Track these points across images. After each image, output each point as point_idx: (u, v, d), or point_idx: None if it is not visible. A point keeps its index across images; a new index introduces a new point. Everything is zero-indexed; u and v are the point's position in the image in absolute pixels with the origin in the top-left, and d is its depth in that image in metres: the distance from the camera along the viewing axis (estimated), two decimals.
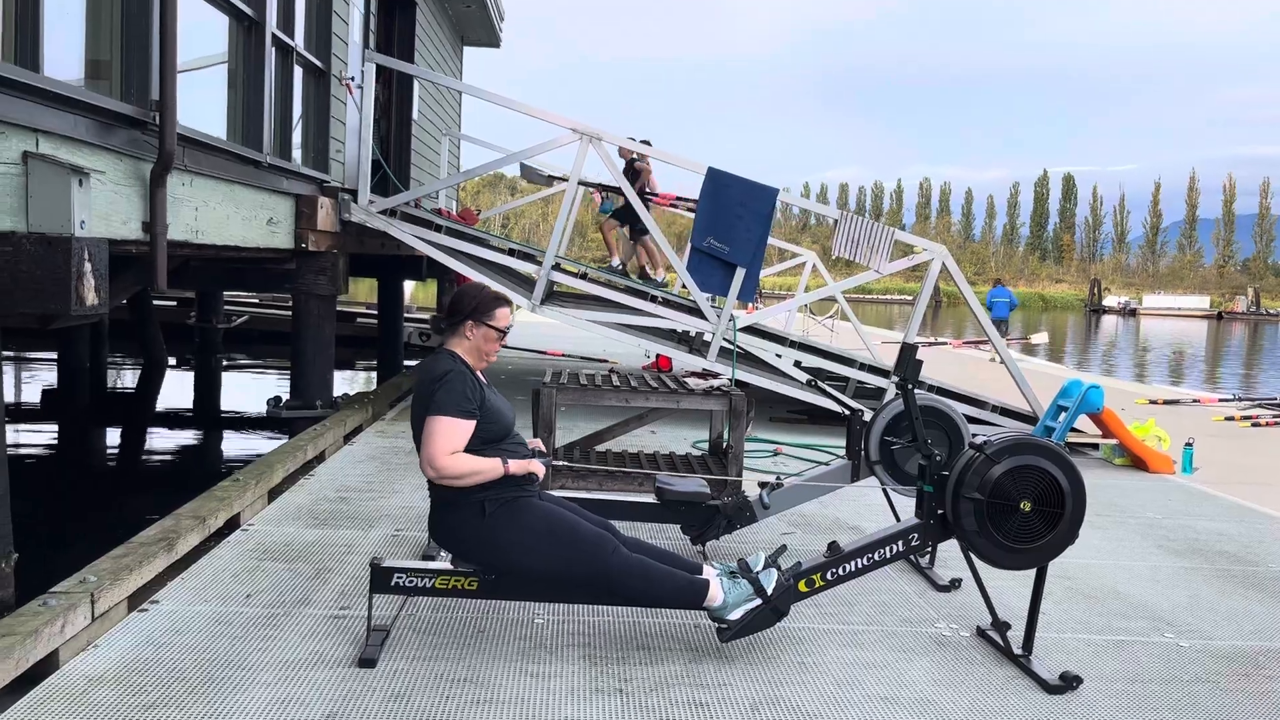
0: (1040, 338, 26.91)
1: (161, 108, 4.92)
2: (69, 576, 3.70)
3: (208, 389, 14.52)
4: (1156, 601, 4.58)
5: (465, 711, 3.12)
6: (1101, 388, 7.97)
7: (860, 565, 3.66)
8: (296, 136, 7.88)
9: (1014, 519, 3.53)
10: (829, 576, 3.65)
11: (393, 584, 3.53)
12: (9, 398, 13.91)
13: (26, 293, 3.96)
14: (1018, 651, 3.71)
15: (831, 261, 12.36)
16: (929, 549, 4.83)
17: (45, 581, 3.70)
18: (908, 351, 3.84)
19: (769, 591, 3.54)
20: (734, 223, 8.30)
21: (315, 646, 3.56)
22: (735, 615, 3.54)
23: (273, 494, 5.59)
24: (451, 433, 3.39)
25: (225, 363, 16.42)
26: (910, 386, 3.81)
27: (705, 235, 8.35)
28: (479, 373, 3.61)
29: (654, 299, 8.45)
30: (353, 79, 8.64)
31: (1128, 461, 8.07)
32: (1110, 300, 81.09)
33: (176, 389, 14.31)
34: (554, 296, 9.05)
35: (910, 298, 65.78)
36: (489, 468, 3.45)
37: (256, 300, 22.03)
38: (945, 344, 22.77)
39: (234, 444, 10.71)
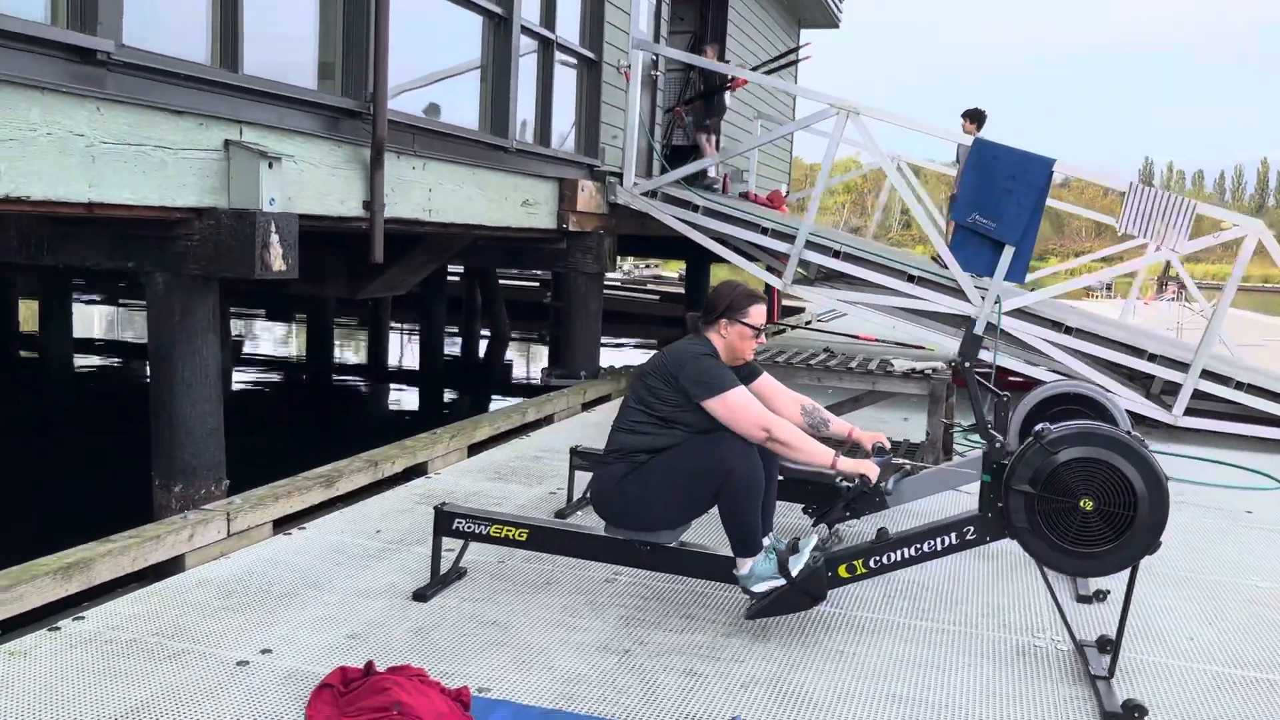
0: None
1: (375, 100, 5.56)
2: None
3: (541, 360, 15.84)
4: None
5: (469, 651, 3.32)
6: None
7: (907, 555, 3.38)
8: (567, 123, 8.45)
9: (1073, 519, 3.08)
10: (871, 564, 3.41)
11: (454, 528, 3.80)
12: (405, 363, 16.09)
13: (225, 259, 4.70)
14: (1096, 672, 3.23)
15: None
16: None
17: None
18: (969, 330, 3.45)
19: (793, 573, 3.38)
20: (1002, 197, 7.67)
21: (394, 579, 3.93)
22: (758, 589, 3.42)
23: (474, 448, 6.12)
24: (745, 399, 3.44)
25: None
26: (969, 365, 3.41)
27: (970, 210, 7.79)
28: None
29: (911, 278, 8.04)
30: (629, 66, 9.03)
31: None
32: None
33: (521, 359, 15.78)
34: (831, 277, 8.90)
35: None
36: (817, 451, 3.44)
37: (617, 283, 23.56)
38: None
39: None
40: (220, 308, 5.08)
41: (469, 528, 3.79)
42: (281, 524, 4.48)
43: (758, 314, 3.61)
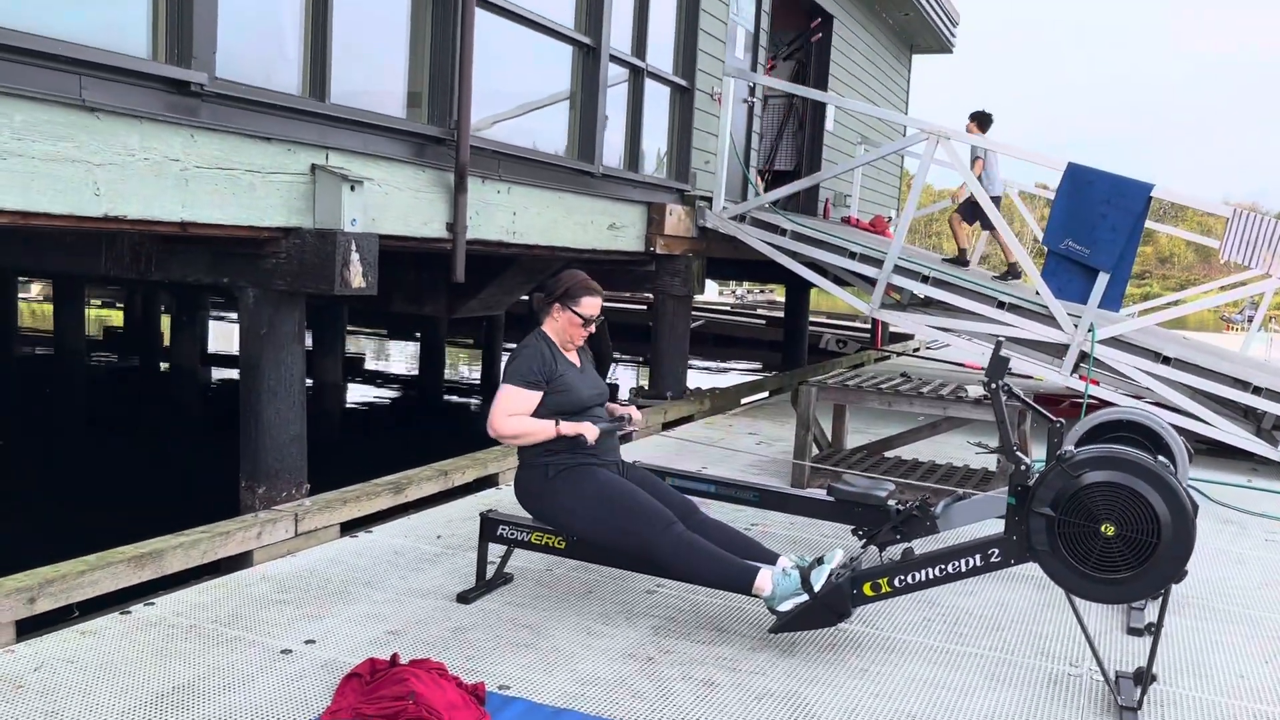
0: None
1: (458, 128, 5.83)
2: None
3: (644, 380, 16.02)
4: None
5: (499, 651, 3.46)
6: None
7: (932, 575, 3.37)
8: (658, 148, 8.64)
9: (1094, 543, 3.04)
10: (896, 583, 3.41)
11: (499, 534, 3.96)
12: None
13: (309, 275, 5.00)
14: (1125, 703, 3.17)
15: None
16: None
17: None
18: (996, 351, 3.41)
19: (815, 589, 3.41)
20: (1097, 222, 7.51)
21: (444, 582, 4.11)
22: (783, 607, 3.47)
23: None
24: (510, 399, 3.66)
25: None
26: (996, 386, 3.38)
27: (1063, 237, 7.65)
28: (571, 352, 3.88)
29: (1001, 305, 7.90)
30: (721, 93, 9.15)
31: None
32: None
33: (625, 380, 15.98)
34: (929, 304, 8.81)
35: None
36: (539, 428, 3.64)
37: (729, 306, 23.63)
38: None
39: None
40: (326, 322, 5.39)
41: (512, 534, 3.94)
42: (349, 527, 4.74)
43: (590, 304, 3.80)
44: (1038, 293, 7.78)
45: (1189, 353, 7.75)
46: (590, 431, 3.67)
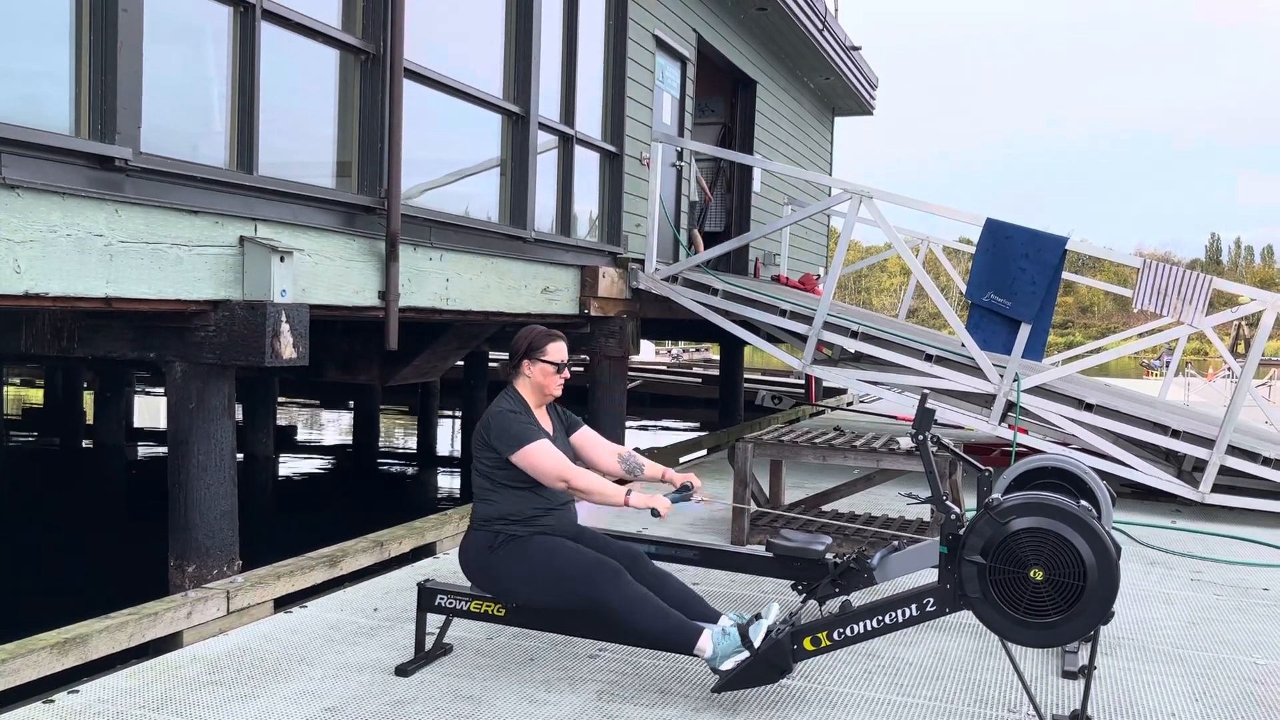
0: None
1: (388, 197, 5.85)
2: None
3: None
4: None
5: None
6: None
7: (870, 627, 3.41)
8: (589, 211, 8.74)
9: (1024, 589, 3.11)
10: (835, 636, 3.44)
11: (437, 604, 3.91)
12: (443, 450, 16.35)
13: (239, 347, 4.95)
14: None
15: None
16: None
17: None
18: (922, 404, 3.51)
19: (755, 645, 3.42)
20: (1016, 275, 7.75)
21: (382, 655, 4.04)
22: (725, 666, 3.47)
23: None
24: (548, 452, 3.61)
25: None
26: (923, 438, 3.47)
27: (985, 290, 7.87)
28: (543, 413, 3.86)
29: (929, 358, 8.09)
30: (650, 157, 9.31)
31: None
32: None
33: None
34: (860, 358, 8.97)
35: None
36: (611, 493, 3.62)
37: (665, 366, 23.75)
38: None
39: None
40: (257, 394, 5.32)
41: (451, 603, 3.89)
42: (283, 602, 4.64)
43: (556, 350, 3.81)
44: (964, 345, 7.98)
45: (1111, 399, 7.99)
46: (663, 505, 3.61)
